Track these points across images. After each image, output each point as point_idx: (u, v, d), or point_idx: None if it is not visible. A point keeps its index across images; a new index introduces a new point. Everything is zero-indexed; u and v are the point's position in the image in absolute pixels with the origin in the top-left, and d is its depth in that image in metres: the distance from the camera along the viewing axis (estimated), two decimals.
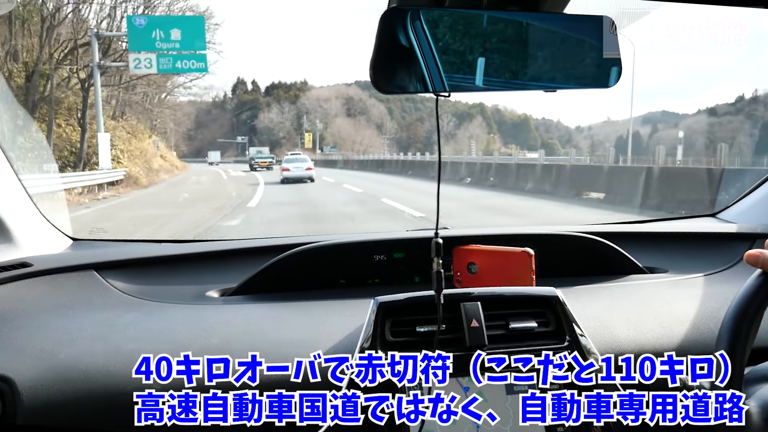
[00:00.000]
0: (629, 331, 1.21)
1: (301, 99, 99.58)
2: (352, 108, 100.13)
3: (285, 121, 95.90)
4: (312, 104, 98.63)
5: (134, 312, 1.30)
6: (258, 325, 1.21)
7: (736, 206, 1.93)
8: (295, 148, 72.07)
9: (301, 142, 75.88)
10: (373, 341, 1.07)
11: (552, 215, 12.53)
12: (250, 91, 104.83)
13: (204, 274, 1.56)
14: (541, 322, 1.13)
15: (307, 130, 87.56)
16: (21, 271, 1.40)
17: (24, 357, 1.09)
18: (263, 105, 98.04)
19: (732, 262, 1.62)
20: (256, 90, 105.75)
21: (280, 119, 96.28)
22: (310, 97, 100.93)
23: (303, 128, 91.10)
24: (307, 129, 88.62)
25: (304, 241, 1.56)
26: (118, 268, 1.51)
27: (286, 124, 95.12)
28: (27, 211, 1.59)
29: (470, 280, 1.44)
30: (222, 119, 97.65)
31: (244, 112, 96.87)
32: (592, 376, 1.04)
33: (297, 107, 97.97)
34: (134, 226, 10.71)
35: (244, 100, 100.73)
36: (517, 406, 1.02)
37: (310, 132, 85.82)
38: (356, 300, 1.32)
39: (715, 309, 1.29)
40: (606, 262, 1.58)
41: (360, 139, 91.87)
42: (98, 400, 1.04)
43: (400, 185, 21.95)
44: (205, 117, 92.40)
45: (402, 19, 0.82)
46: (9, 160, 1.52)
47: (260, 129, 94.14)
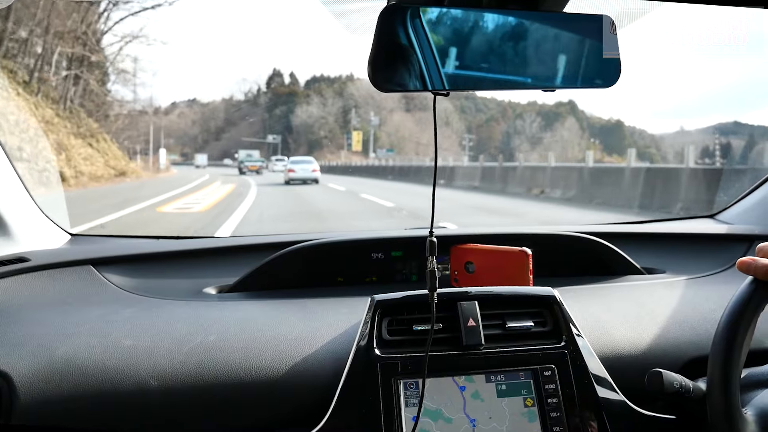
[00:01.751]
0: (626, 332, 1.21)
1: (349, 89, 76.94)
2: (410, 102, 72.17)
3: (328, 116, 74.18)
4: (362, 96, 72.42)
5: (131, 308, 1.29)
6: (255, 322, 1.21)
7: (735, 207, 1.93)
8: (339, 151, 62.19)
9: (348, 143, 58.38)
10: (369, 339, 1.07)
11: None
12: (287, 84, 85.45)
13: (201, 271, 1.56)
14: (538, 321, 1.13)
15: (355, 128, 65.32)
16: (18, 266, 1.40)
17: (21, 352, 1.09)
18: (301, 97, 77.87)
19: (730, 264, 1.62)
20: (295, 83, 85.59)
21: (321, 113, 74.48)
22: (360, 87, 73.77)
23: (351, 125, 69.20)
24: (355, 127, 66.43)
25: (302, 239, 1.56)
26: (116, 263, 1.51)
27: (329, 120, 73.14)
28: (25, 205, 1.58)
29: (468, 279, 1.44)
30: (254, 116, 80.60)
31: (278, 107, 77.87)
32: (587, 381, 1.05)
33: (343, 99, 75.76)
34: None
35: (279, 93, 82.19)
36: (514, 406, 1.03)
37: (360, 131, 63.40)
38: (353, 298, 1.32)
39: (713, 310, 1.29)
40: (604, 263, 1.58)
41: (427, 139, 63.84)
42: (95, 395, 1.04)
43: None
44: (235, 114, 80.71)
45: (401, 17, 0.82)
46: (8, 155, 1.52)
47: (296, 126, 73.79)
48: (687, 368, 1.15)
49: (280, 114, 76.41)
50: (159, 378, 1.05)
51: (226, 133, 76.59)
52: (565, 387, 1.05)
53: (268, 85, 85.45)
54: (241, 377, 1.07)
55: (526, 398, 1.04)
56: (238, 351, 1.11)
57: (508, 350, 1.08)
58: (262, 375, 1.07)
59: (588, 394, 1.05)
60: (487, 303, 1.13)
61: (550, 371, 1.06)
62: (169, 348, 1.11)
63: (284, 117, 75.34)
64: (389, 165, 37.82)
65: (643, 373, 0.98)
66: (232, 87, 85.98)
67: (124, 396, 1.03)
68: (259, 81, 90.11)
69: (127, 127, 31.23)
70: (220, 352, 1.10)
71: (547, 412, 1.02)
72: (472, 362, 1.06)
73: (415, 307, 1.12)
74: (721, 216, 1.95)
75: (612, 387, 1.07)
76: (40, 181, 9.50)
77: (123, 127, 29.84)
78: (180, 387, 1.05)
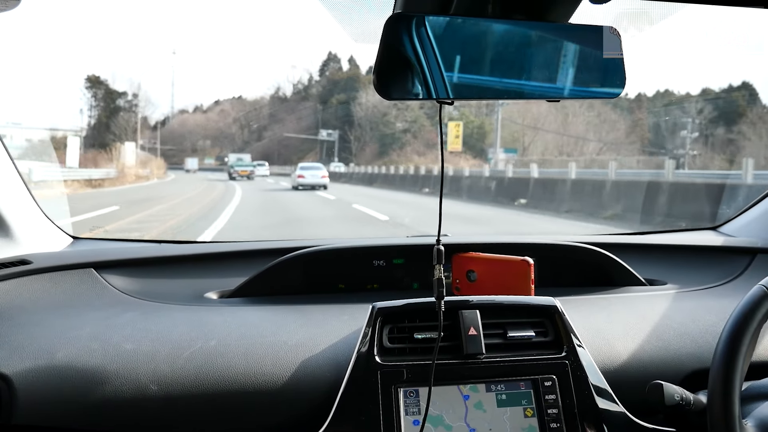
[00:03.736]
0: (627, 343, 1.21)
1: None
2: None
3: (409, 104, 36.91)
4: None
5: (133, 311, 1.29)
6: (256, 328, 1.21)
7: (737, 220, 1.93)
8: (428, 152, 40.04)
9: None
10: (370, 347, 1.07)
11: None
12: (345, 70, 66.37)
13: (203, 276, 1.56)
14: (539, 331, 1.13)
15: (453, 119, 38.87)
16: (20, 269, 1.40)
17: (21, 355, 1.09)
18: (366, 83, 54.48)
19: (732, 276, 1.62)
20: (355, 68, 65.45)
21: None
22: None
23: (444, 115, 28.74)
24: (452, 117, 39.78)
25: (304, 245, 1.56)
26: (117, 267, 1.51)
27: (414, 108, 46.56)
28: (28, 208, 1.59)
29: (469, 288, 1.44)
30: (303, 110, 64.22)
31: (335, 95, 60.00)
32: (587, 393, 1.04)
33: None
34: None
35: (336, 80, 64.17)
36: (515, 419, 1.02)
37: (458, 122, 38.02)
38: (355, 305, 1.32)
39: (714, 323, 1.29)
40: (606, 274, 1.58)
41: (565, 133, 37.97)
42: (95, 399, 1.03)
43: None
44: (281, 107, 66.57)
45: (407, 26, 0.82)
46: (11, 157, 1.52)
47: (360, 119, 52.98)
48: (688, 380, 1.15)
49: (337, 104, 58.95)
50: (159, 382, 1.05)
51: (268, 131, 65.64)
52: (565, 398, 1.04)
53: (321, 72, 69.52)
54: (242, 383, 1.07)
55: (526, 408, 1.03)
56: (239, 357, 1.11)
57: (509, 360, 1.07)
58: (262, 381, 1.07)
59: (588, 406, 1.04)
60: (488, 312, 1.13)
61: (551, 381, 1.06)
62: (169, 352, 1.11)
63: (343, 107, 57.12)
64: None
65: (644, 384, 0.98)
66: (279, 79, 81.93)
67: (124, 400, 1.03)
68: (310, 68, 77.18)
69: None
70: (220, 358, 1.10)
71: (546, 423, 1.02)
72: (473, 371, 1.06)
73: (417, 315, 1.12)
74: (724, 228, 1.95)
75: (612, 398, 1.07)
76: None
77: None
78: (180, 392, 1.05)
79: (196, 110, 76.75)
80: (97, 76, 58.60)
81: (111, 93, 57.70)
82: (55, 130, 41.16)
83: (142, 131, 55.63)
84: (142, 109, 59.58)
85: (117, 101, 57.73)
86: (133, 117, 55.84)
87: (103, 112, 55.68)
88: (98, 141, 48.35)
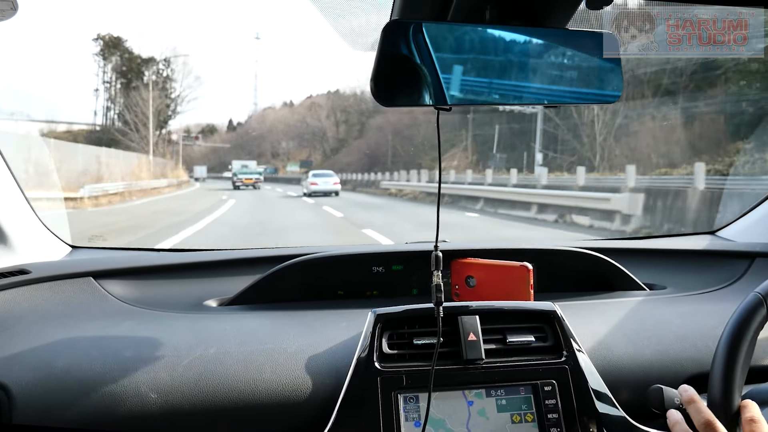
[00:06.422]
0: (627, 348, 1.21)
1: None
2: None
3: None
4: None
5: (132, 320, 1.29)
6: (256, 335, 1.21)
7: (736, 224, 1.93)
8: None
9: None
10: (370, 353, 1.07)
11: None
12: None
13: (202, 283, 1.56)
14: (538, 336, 1.13)
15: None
16: (19, 278, 1.40)
17: (20, 364, 1.09)
18: None
19: (730, 280, 1.62)
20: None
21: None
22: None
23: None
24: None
25: (302, 252, 1.56)
26: (116, 275, 1.50)
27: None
28: (26, 217, 1.59)
29: (468, 294, 1.44)
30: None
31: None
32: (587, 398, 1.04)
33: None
34: None
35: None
36: (518, 429, 1.02)
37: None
38: (354, 311, 1.32)
39: (713, 327, 1.28)
40: (605, 278, 1.58)
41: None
42: (95, 407, 1.03)
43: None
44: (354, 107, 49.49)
45: (404, 32, 0.83)
46: (9, 167, 1.52)
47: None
48: (688, 384, 1.15)
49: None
50: (159, 390, 1.05)
51: (375, 119, 43.42)
52: (565, 402, 1.04)
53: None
54: (241, 390, 1.06)
55: (526, 413, 1.03)
56: (238, 364, 1.11)
57: (509, 365, 1.07)
58: (261, 388, 1.07)
59: (588, 410, 1.04)
60: (487, 317, 1.13)
61: (551, 386, 1.05)
62: (169, 360, 1.11)
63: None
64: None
65: (644, 389, 0.98)
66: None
67: (124, 408, 1.03)
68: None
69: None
70: (220, 365, 1.10)
71: (547, 428, 1.02)
72: (473, 376, 1.05)
73: (416, 321, 1.12)
74: (722, 232, 1.95)
75: (612, 403, 1.07)
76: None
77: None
78: (180, 399, 1.04)
79: (284, 106, 64.53)
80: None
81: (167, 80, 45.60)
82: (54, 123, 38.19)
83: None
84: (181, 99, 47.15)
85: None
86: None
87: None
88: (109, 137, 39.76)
